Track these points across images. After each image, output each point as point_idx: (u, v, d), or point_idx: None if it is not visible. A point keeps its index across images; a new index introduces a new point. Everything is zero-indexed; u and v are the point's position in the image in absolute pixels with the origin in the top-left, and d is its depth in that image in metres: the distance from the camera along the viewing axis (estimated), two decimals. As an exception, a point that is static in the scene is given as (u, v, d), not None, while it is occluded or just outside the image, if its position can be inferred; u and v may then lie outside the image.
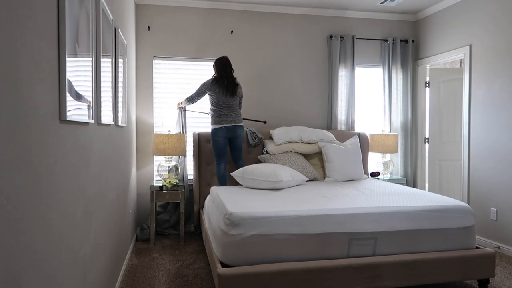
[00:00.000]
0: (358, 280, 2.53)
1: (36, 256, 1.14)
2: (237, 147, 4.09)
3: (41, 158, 1.18)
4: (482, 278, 2.81)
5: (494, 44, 3.90)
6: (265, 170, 3.53)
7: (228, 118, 3.97)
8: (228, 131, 3.97)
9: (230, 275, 2.34)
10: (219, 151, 4.01)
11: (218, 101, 3.95)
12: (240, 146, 4.11)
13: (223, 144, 4.00)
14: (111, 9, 2.55)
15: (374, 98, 5.11)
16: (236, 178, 3.66)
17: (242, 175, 3.58)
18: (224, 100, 3.95)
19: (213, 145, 4.03)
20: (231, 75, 4.04)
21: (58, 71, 1.37)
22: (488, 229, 3.96)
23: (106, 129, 2.32)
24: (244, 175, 3.57)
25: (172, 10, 4.55)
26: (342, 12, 4.91)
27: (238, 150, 4.10)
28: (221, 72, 4.00)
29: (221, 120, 3.96)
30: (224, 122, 3.96)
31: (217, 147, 4.00)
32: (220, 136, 3.96)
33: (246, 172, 3.57)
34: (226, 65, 4.02)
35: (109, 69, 2.40)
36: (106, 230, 2.33)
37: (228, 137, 4.00)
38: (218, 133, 3.97)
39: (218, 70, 4.01)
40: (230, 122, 3.98)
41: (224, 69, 4.00)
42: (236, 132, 4.01)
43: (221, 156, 4.03)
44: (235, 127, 4.00)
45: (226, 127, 3.96)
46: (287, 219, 2.52)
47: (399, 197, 3.06)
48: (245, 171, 3.59)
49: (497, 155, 3.86)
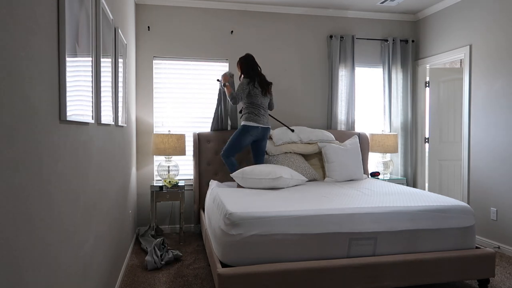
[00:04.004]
0: (358, 280, 2.53)
1: (36, 256, 1.14)
2: (262, 150, 4.02)
3: (41, 158, 1.18)
4: (482, 278, 2.81)
5: (494, 44, 3.90)
6: (264, 169, 3.53)
7: (264, 119, 3.91)
8: (261, 132, 3.90)
9: (230, 275, 2.34)
10: (240, 146, 3.89)
11: (256, 101, 3.86)
12: (264, 149, 4.06)
13: (248, 142, 3.90)
14: (111, 9, 2.55)
15: (374, 98, 5.11)
16: (236, 179, 3.64)
17: (241, 176, 3.57)
18: (262, 100, 3.89)
19: (237, 138, 3.86)
20: (261, 74, 3.94)
21: (58, 71, 1.37)
22: (488, 229, 3.96)
23: (106, 129, 2.32)
24: (243, 175, 3.56)
25: (172, 10, 4.55)
26: (342, 12, 4.91)
27: (262, 153, 4.04)
28: (249, 71, 3.88)
29: (259, 119, 3.86)
30: (261, 123, 3.87)
31: (241, 142, 3.86)
32: (252, 135, 3.85)
33: (245, 172, 3.56)
34: (254, 63, 3.92)
35: (109, 69, 2.40)
36: (106, 229, 2.33)
37: (257, 138, 3.92)
38: (252, 131, 3.84)
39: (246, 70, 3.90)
40: (266, 124, 3.92)
41: (252, 66, 3.90)
42: (266, 134, 3.96)
43: (237, 151, 3.93)
44: (267, 130, 3.95)
45: (262, 128, 3.88)
46: (287, 219, 2.52)
47: (399, 197, 3.06)
48: (244, 171, 3.58)
49: (497, 155, 3.86)
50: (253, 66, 3.92)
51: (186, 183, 4.55)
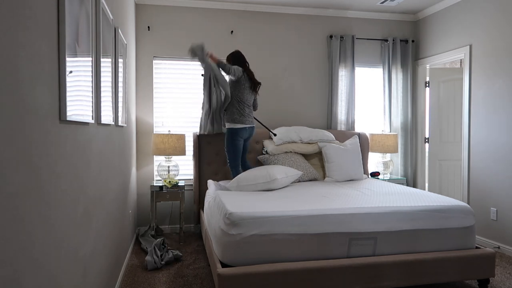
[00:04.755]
0: (358, 280, 2.53)
1: (36, 256, 1.14)
2: (246, 148, 3.99)
3: (41, 158, 1.18)
4: (482, 278, 2.81)
5: (494, 44, 3.90)
6: (258, 173, 3.45)
7: (249, 118, 3.81)
8: (248, 132, 3.84)
9: (230, 275, 2.34)
10: (238, 151, 3.80)
11: (243, 96, 3.75)
12: (248, 147, 4.03)
13: (241, 146, 3.83)
14: (111, 9, 2.55)
15: (374, 98, 5.11)
16: (232, 189, 3.50)
17: (237, 184, 3.46)
18: (248, 97, 3.79)
19: (232, 146, 3.76)
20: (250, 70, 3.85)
21: (58, 71, 1.37)
22: (488, 229, 3.96)
23: (106, 129, 2.32)
24: (239, 183, 3.44)
25: (172, 10, 4.55)
26: (342, 12, 4.91)
27: (246, 151, 4.01)
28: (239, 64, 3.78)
29: (245, 119, 3.77)
30: (248, 122, 3.78)
31: (237, 147, 3.78)
32: (242, 137, 3.77)
33: (240, 180, 3.45)
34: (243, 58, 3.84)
35: (109, 69, 2.40)
36: (106, 230, 2.33)
37: (244, 138, 3.86)
38: (241, 133, 3.75)
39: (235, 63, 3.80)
40: (251, 123, 3.84)
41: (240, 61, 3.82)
42: (252, 133, 3.91)
43: (239, 158, 3.84)
44: (253, 129, 3.91)
45: (249, 128, 3.81)
46: (287, 219, 2.52)
47: (399, 197, 3.06)
48: (238, 179, 3.46)
49: (498, 155, 3.86)
50: (243, 61, 3.85)
51: (186, 183, 4.55)
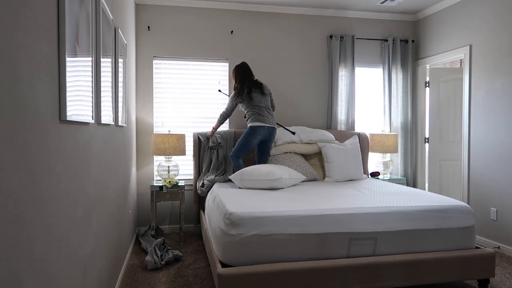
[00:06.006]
0: (358, 280, 2.53)
1: (36, 256, 1.14)
2: (267, 149, 4.08)
3: (41, 158, 1.18)
4: (482, 278, 2.81)
5: (494, 44, 3.90)
6: (263, 170, 3.53)
7: (269, 119, 3.94)
8: (268, 132, 3.93)
9: (230, 275, 2.34)
10: (248, 148, 3.93)
11: (255, 103, 3.92)
12: (270, 149, 4.11)
13: (256, 143, 3.95)
14: (111, 9, 2.55)
15: (374, 98, 5.11)
16: (235, 181, 3.62)
17: (240, 177, 3.56)
18: (260, 100, 3.94)
19: (245, 139, 3.91)
20: (252, 79, 4.03)
21: (58, 71, 1.37)
22: (488, 229, 3.96)
23: (106, 129, 2.32)
24: (242, 177, 3.54)
25: (172, 10, 4.55)
26: (342, 12, 4.91)
27: (267, 153, 4.10)
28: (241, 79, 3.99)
29: (264, 119, 3.90)
30: (267, 122, 3.91)
31: (249, 143, 3.91)
32: (260, 135, 3.90)
33: (244, 174, 3.55)
34: (246, 70, 4.03)
35: (109, 69, 2.40)
36: (106, 230, 2.33)
37: (264, 138, 3.96)
38: (259, 131, 3.88)
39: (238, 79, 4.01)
40: (272, 123, 3.95)
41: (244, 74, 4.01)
42: (272, 134, 3.99)
43: (246, 152, 3.97)
44: (274, 130, 3.99)
45: (268, 127, 3.92)
46: (287, 219, 2.52)
47: (399, 197, 3.06)
48: (243, 173, 3.57)
49: (498, 155, 3.86)
50: (248, 73, 4.03)
51: (186, 183, 4.55)
